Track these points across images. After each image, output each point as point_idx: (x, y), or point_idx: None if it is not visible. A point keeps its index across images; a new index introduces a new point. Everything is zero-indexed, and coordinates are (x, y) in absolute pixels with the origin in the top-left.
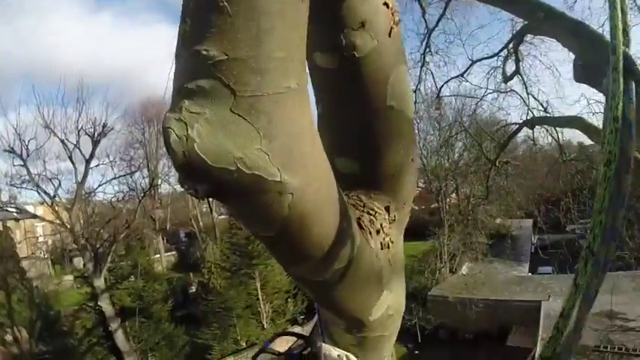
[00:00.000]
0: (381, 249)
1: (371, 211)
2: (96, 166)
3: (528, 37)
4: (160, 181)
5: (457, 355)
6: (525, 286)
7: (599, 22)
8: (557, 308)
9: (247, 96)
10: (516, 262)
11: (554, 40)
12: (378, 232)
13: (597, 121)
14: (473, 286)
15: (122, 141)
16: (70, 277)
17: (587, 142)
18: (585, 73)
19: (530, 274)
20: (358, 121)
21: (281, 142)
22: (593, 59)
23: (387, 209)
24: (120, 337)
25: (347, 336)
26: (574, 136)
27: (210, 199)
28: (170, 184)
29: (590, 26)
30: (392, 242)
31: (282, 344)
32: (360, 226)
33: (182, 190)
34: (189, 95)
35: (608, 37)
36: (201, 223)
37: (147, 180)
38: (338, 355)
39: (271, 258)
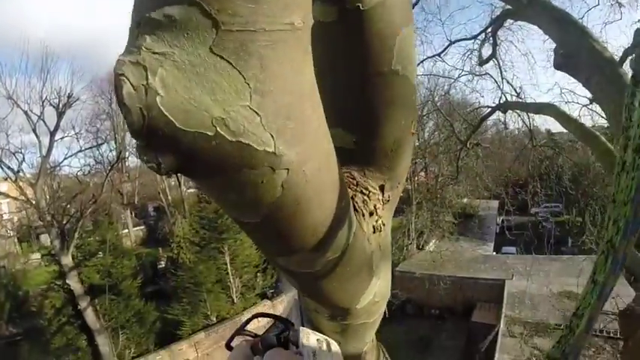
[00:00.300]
0: (373, 232)
1: (364, 191)
2: (61, 138)
3: (507, 23)
4: (127, 153)
5: (423, 329)
6: (490, 265)
7: (579, 13)
8: (521, 287)
9: (235, 30)
10: (482, 241)
11: (534, 27)
12: (371, 214)
13: (569, 110)
14: (440, 263)
15: (88, 112)
16: (37, 256)
17: (555, 129)
18: (565, 62)
19: (494, 253)
20: (357, 87)
21: (277, 99)
22: (573, 48)
23: (382, 189)
24: (90, 316)
25: (330, 323)
26: (543, 123)
27: (179, 175)
28: (138, 157)
29: (572, 16)
30: (384, 225)
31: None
32: (354, 208)
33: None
34: (152, 29)
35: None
36: (169, 197)
37: (114, 153)
38: (317, 340)
39: (241, 232)
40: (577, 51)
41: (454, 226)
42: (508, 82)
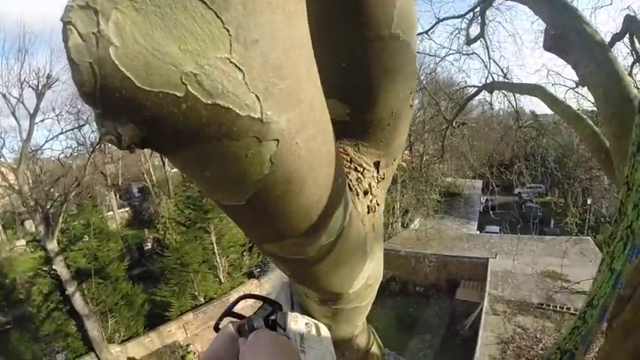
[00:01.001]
0: (367, 213)
1: (359, 168)
2: (41, 121)
3: (496, 2)
4: None
5: (408, 306)
6: (474, 243)
7: None
8: (504, 266)
9: None
10: (465, 220)
11: (522, 9)
12: (365, 193)
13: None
14: (424, 241)
15: (68, 93)
16: (22, 242)
17: (540, 111)
18: (555, 43)
19: (478, 232)
20: (353, 53)
21: (265, 51)
22: (564, 30)
23: (377, 165)
24: (78, 301)
25: (320, 308)
26: (528, 104)
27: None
28: None
29: None
30: (378, 205)
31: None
32: (348, 187)
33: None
34: None
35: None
36: (154, 177)
37: (96, 134)
38: (306, 324)
39: None
40: (567, 33)
41: (439, 204)
42: (495, 63)
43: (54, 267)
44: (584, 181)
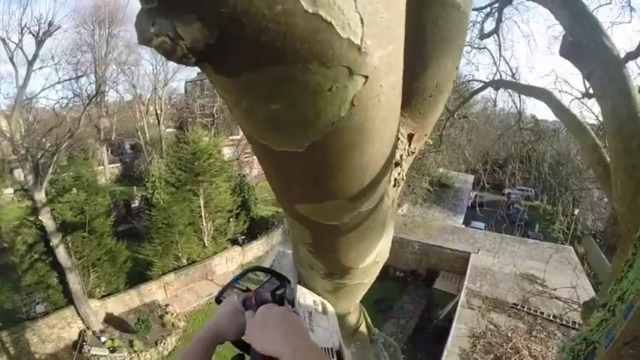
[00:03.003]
0: (393, 186)
1: None
2: (39, 68)
3: (516, 1)
4: (107, 87)
5: (386, 290)
6: (458, 237)
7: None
8: (485, 262)
9: None
10: (452, 212)
11: (540, 11)
12: (396, 164)
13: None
14: (410, 228)
15: (69, 43)
16: (10, 191)
17: (540, 116)
18: (572, 50)
19: (464, 226)
20: (412, 13)
21: None
22: (583, 39)
23: (410, 138)
24: (61, 253)
25: (323, 281)
26: (530, 107)
27: (198, 69)
28: (118, 92)
29: (587, 7)
30: (403, 180)
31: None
32: None
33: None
34: None
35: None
36: (147, 135)
37: (93, 86)
38: (314, 301)
39: (217, 176)
40: (586, 42)
41: (428, 193)
42: (505, 61)
43: (40, 218)
44: (575, 191)
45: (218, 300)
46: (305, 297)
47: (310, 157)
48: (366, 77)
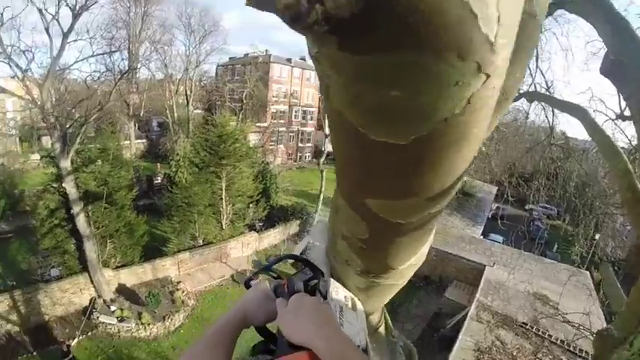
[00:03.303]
0: None
1: None
2: (74, 41)
3: (557, 12)
4: (139, 65)
5: (396, 293)
6: (475, 247)
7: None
8: (499, 277)
9: None
10: (472, 222)
11: (581, 25)
12: None
13: (597, 119)
14: None
15: (105, 18)
16: (36, 157)
17: (570, 134)
18: (613, 69)
19: (482, 237)
20: None
21: None
22: (625, 59)
23: None
24: (81, 221)
25: (358, 278)
26: (562, 124)
27: (337, 41)
28: (149, 69)
29: (631, 26)
30: None
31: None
32: None
33: (283, 15)
34: None
35: None
36: (176, 115)
37: (126, 62)
38: (345, 296)
39: (241, 160)
40: (629, 63)
41: (451, 200)
42: (541, 73)
43: (64, 185)
44: (599, 215)
45: (247, 284)
46: (337, 291)
47: (410, 152)
48: (488, 76)
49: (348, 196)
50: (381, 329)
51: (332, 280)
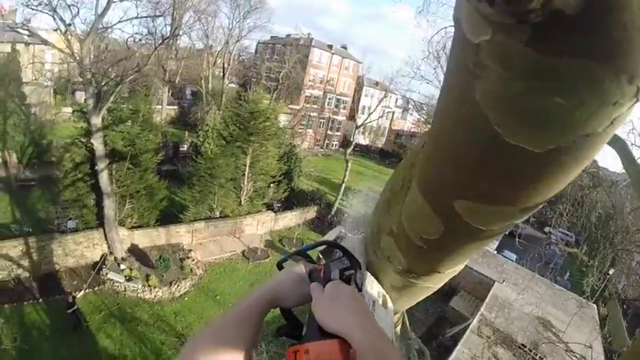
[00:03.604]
0: None
1: None
2: (120, 1)
3: None
4: (181, 32)
5: None
6: (487, 261)
7: None
8: (506, 294)
9: None
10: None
11: None
12: None
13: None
14: None
15: None
16: (68, 110)
17: (601, 164)
18: None
19: (495, 252)
20: None
21: None
22: None
23: None
24: (104, 178)
25: (395, 276)
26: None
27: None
28: (190, 38)
29: None
30: None
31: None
32: None
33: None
34: None
35: None
36: (210, 86)
37: (168, 28)
38: (378, 293)
39: (269, 139)
40: None
41: None
42: None
43: (92, 141)
44: (618, 250)
45: (280, 266)
46: (372, 285)
47: (538, 161)
48: (636, 101)
49: (434, 195)
50: (397, 329)
51: (368, 273)
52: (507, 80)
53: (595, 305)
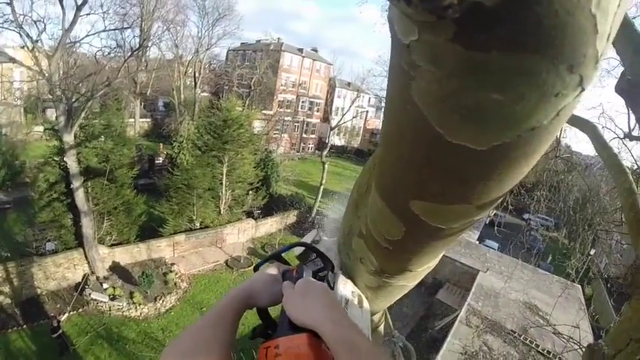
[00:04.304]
0: None
1: None
2: (87, 14)
3: None
4: (150, 43)
5: None
6: (470, 252)
7: None
8: (491, 283)
9: None
10: (469, 227)
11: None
12: None
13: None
14: None
15: None
16: (40, 129)
17: (575, 148)
18: (628, 88)
19: (477, 242)
20: None
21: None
22: None
23: None
24: (80, 196)
25: (369, 277)
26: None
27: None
28: (160, 49)
29: None
30: None
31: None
32: None
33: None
34: None
35: None
36: (182, 96)
37: (137, 39)
38: (352, 292)
39: (244, 147)
40: None
41: None
42: None
43: (65, 159)
44: (598, 231)
45: (256, 269)
46: (345, 285)
47: (484, 158)
48: (582, 90)
49: (390, 197)
50: (381, 328)
51: (341, 274)
52: (441, 79)
53: (579, 286)
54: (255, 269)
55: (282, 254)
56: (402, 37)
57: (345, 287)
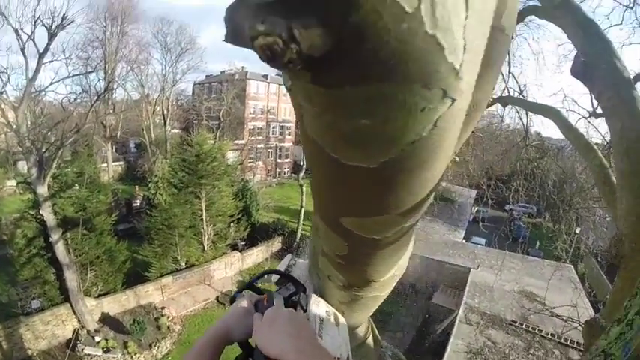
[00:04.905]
0: None
1: None
2: (50, 61)
3: (527, 19)
4: (115, 85)
5: (384, 303)
6: (458, 251)
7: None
8: (484, 278)
9: None
10: (454, 227)
11: (550, 29)
12: None
13: (569, 118)
14: None
15: (81, 37)
16: (13, 183)
17: (545, 134)
18: (583, 70)
19: (464, 241)
20: None
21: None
22: (594, 59)
23: None
24: (60, 249)
25: (341, 292)
26: (536, 125)
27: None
28: (126, 90)
29: (599, 28)
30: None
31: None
32: None
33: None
34: None
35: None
36: (153, 135)
37: (102, 83)
38: (326, 311)
39: (220, 179)
40: (597, 63)
41: (431, 206)
42: (514, 77)
43: (41, 212)
44: (579, 209)
45: (232, 301)
46: (318, 304)
47: (380, 174)
48: (453, 100)
49: (324, 216)
50: (369, 340)
51: (313, 294)
52: (318, 114)
53: (571, 265)
54: (232, 301)
55: (255, 283)
56: (284, 83)
57: (319, 307)
